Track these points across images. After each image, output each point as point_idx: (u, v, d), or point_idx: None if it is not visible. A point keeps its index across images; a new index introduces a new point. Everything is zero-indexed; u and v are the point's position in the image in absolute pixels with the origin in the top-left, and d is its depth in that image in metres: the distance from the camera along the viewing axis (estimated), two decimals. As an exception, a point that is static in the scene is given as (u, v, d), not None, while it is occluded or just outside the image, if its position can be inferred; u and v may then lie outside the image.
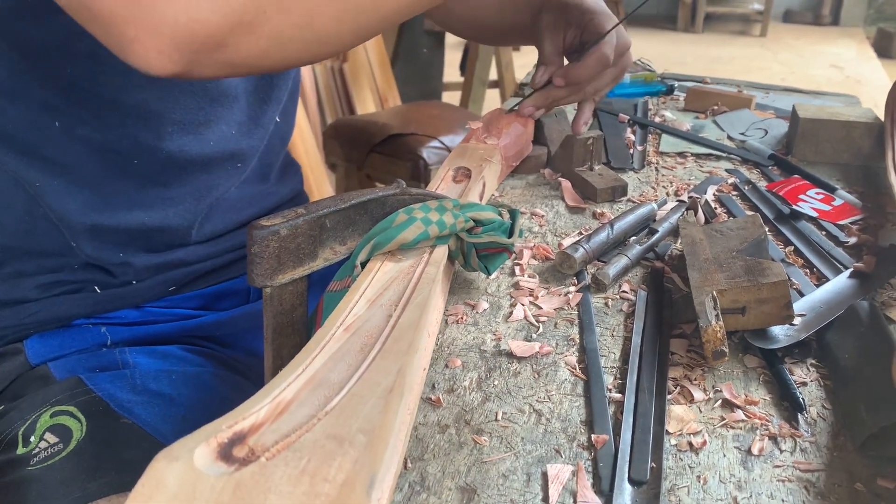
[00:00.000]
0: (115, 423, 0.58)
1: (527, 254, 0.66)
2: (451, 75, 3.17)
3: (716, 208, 0.77)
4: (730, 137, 1.00)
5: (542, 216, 0.75)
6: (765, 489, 0.41)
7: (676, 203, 0.77)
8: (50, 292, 0.63)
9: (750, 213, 0.76)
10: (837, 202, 0.78)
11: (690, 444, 0.44)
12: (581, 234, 0.71)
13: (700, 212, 0.74)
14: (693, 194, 0.80)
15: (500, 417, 0.46)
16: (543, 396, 0.49)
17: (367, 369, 0.38)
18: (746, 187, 0.83)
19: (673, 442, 0.45)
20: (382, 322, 0.43)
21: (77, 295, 0.63)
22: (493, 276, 0.63)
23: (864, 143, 0.90)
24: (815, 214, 0.75)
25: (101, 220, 0.61)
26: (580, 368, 0.52)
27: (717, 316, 0.50)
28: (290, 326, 0.50)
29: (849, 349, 0.51)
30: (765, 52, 5.97)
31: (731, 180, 0.85)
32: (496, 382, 0.50)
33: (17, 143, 0.57)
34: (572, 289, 0.61)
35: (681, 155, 0.94)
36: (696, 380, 0.50)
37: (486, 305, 0.59)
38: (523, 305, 0.59)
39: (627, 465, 0.42)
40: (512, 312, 0.58)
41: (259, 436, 0.32)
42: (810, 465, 0.43)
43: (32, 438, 0.56)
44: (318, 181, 1.90)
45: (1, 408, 0.59)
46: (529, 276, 0.63)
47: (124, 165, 0.60)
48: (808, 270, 0.65)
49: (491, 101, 2.96)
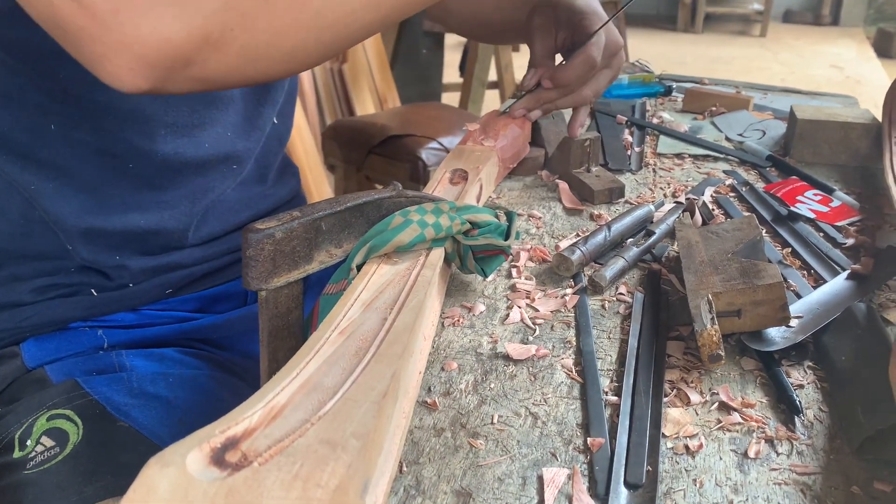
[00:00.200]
0: (112, 427, 0.58)
1: (524, 256, 0.66)
2: (451, 76, 3.17)
3: (713, 210, 0.77)
4: (728, 139, 1.00)
5: (539, 218, 0.75)
6: (761, 492, 0.41)
7: (674, 205, 0.77)
8: (46, 295, 0.62)
9: (747, 214, 0.76)
10: (835, 203, 0.78)
11: (687, 447, 0.44)
12: (578, 235, 0.71)
13: (697, 213, 0.74)
14: (690, 196, 0.80)
15: (496, 420, 0.46)
16: (539, 399, 0.49)
17: (362, 373, 0.38)
18: (744, 189, 0.83)
19: (669, 445, 0.45)
20: (377, 325, 0.43)
21: (73, 298, 0.63)
22: (489, 278, 0.63)
23: (862, 144, 0.90)
24: (812, 216, 0.75)
25: (96, 223, 0.61)
26: (576, 371, 0.51)
27: (712, 319, 0.50)
28: (286, 329, 0.50)
29: (846, 351, 0.51)
30: (765, 52, 5.97)
31: (729, 182, 0.85)
32: (492, 385, 0.50)
33: (13, 145, 0.57)
34: (569, 291, 0.61)
35: (678, 156, 0.94)
36: (692, 382, 0.50)
37: (482, 308, 0.59)
38: (520, 308, 0.58)
39: (623, 469, 0.42)
40: (508, 315, 0.58)
41: (252, 441, 0.32)
42: (807, 468, 0.43)
43: (29, 442, 0.56)
44: (317, 182, 1.90)
45: (-3, 411, 0.60)
46: (526, 279, 0.63)
47: (119, 168, 0.60)
48: (805, 272, 0.65)
49: (490, 102, 2.96)
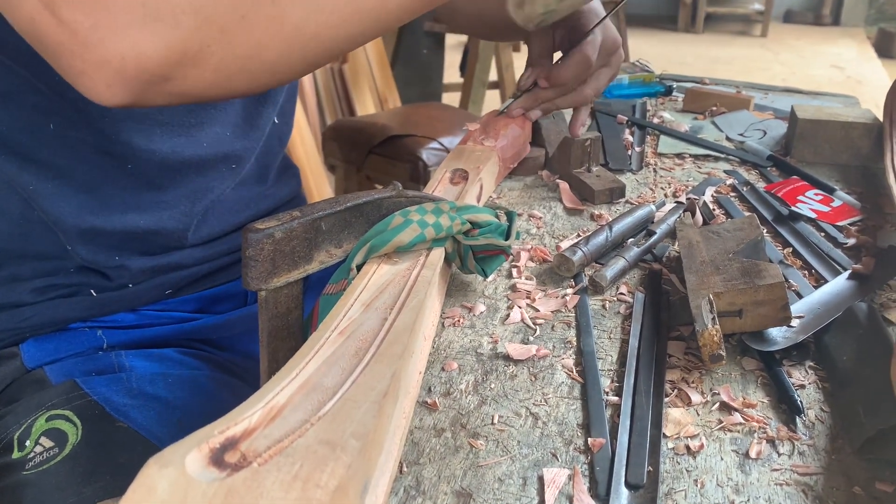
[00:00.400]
0: (111, 427, 0.58)
1: (524, 256, 0.66)
2: (451, 76, 3.17)
3: (714, 210, 0.77)
4: (728, 138, 1.00)
5: (540, 218, 0.75)
6: (762, 493, 0.41)
7: (675, 204, 0.76)
8: (45, 296, 0.62)
9: (748, 214, 0.76)
10: (836, 203, 0.78)
11: (688, 448, 0.44)
12: (579, 235, 0.71)
13: (698, 213, 0.74)
14: (691, 196, 0.80)
15: (496, 421, 0.46)
16: (540, 399, 0.48)
17: (362, 373, 0.38)
18: (745, 188, 0.83)
19: (670, 445, 0.44)
20: (378, 325, 0.43)
21: (73, 298, 0.63)
22: (489, 278, 0.62)
23: (863, 143, 0.90)
24: (813, 215, 0.75)
25: (96, 223, 0.61)
26: (577, 371, 0.51)
27: (713, 319, 0.50)
28: (286, 330, 0.50)
29: (847, 351, 0.51)
30: (765, 52, 5.97)
31: (730, 181, 0.85)
32: (493, 385, 0.50)
33: (11, 145, 0.57)
34: (570, 291, 0.61)
35: (679, 156, 0.94)
36: (693, 382, 0.50)
37: (482, 308, 0.59)
38: (520, 308, 0.58)
39: (624, 469, 0.42)
40: (509, 315, 0.58)
41: (251, 441, 0.32)
42: (808, 469, 0.43)
43: (28, 443, 0.56)
44: (317, 182, 1.90)
45: (-4, 412, 0.59)
46: (527, 279, 0.63)
47: (118, 168, 0.60)
48: (806, 272, 0.65)
49: (491, 102, 2.95)
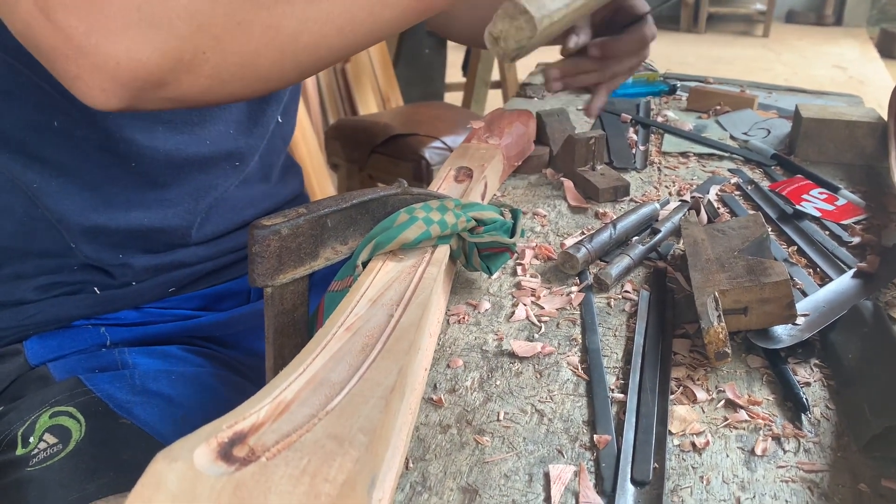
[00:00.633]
0: (115, 424, 0.58)
1: (529, 254, 0.66)
2: (454, 76, 3.16)
3: (718, 208, 0.77)
4: (732, 137, 1.00)
5: (545, 216, 0.75)
6: (768, 490, 0.41)
7: (679, 203, 0.76)
8: (49, 293, 0.62)
9: (752, 212, 0.76)
10: (841, 202, 0.78)
11: (693, 445, 0.44)
12: (583, 233, 0.71)
13: (703, 212, 0.74)
14: (696, 194, 0.80)
15: (501, 417, 0.46)
16: (545, 396, 0.48)
17: (368, 369, 0.38)
18: (749, 187, 0.83)
19: (676, 442, 0.44)
20: (384, 322, 0.43)
21: (76, 296, 0.63)
22: (494, 275, 0.62)
23: (868, 142, 0.90)
24: (818, 214, 0.75)
25: (99, 220, 0.61)
26: (582, 368, 0.51)
27: (719, 317, 0.50)
28: (292, 326, 0.50)
29: (852, 349, 0.51)
30: (768, 52, 5.96)
31: (734, 180, 0.85)
32: (498, 382, 0.50)
33: (15, 143, 0.57)
34: (574, 289, 0.61)
35: (683, 155, 0.94)
36: (698, 380, 0.50)
37: (487, 305, 0.59)
38: (525, 305, 0.58)
39: (630, 466, 0.42)
40: (514, 312, 0.58)
41: (259, 436, 0.32)
42: (814, 466, 0.43)
43: (32, 439, 0.56)
44: (320, 181, 1.90)
45: (0, 408, 0.59)
46: (531, 276, 0.63)
47: (122, 166, 0.60)
48: (811, 270, 0.65)
49: (493, 102, 2.95)
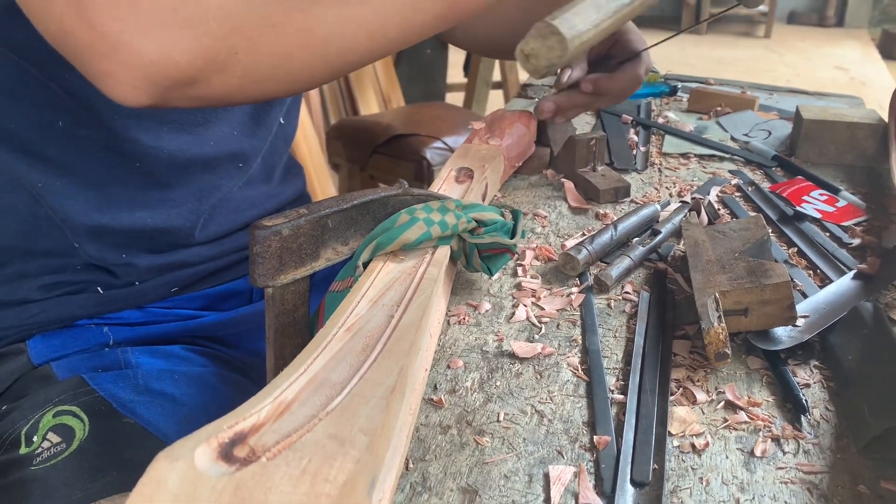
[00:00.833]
0: (118, 423, 0.58)
1: (529, 254, 0.66)
2: (455, 76, 3.17)
3: (719, 209, 0.77)
4: (733, 138, 1.00)
5: (545, 217, 0.75)
6: (767, 491, 0.41)
7: (679, 204, 0.77)
8: (52, 293, 0.63)
9: (753, 213, 0.76)
10: (841, 203, 0.78)
11: (693, 446, 0.44)
12: (584, 235, 0.71)
13: (703, 213, 0.74)
14: (696, 195, 0.80)
15: (501, 418, 0.46)
16: (545, 397, 0.49)
17: (369, 369, 0.38)
18: (750, 188, 0.83)
19: (675, 443, 0.45)
20: (384, 322, 0.43)
21: (79, 296, 0.63)
22: (495, 276, 0.63)
23: (868, 144, 0.90)
24: (818, 216, 0.75)
25: (103, 220, 0.61)
26: (582, 369, 0.51)
27: (719, 318, 0.50)
28: (292, 327, 0.50)
29: (852, 351, 0.51)
30: (769, 53, 5.96)
31: (735, 181, 0.85)
32: (498, 383, 0.50)
33: (20, 142, 0.57)
34: (575, 290, 0.61)
35: (684, 156, 0.94)
36: (698, 381, 0.50)
37: (488, 306, 0.59)
38: (525, 306, 0.58)
39: (629, 467, 0.42)
40: (514, 313, 0.58)
41: (260, 436, 0.32)
42: (813, 467, 0.43)
43: (35, 438, 0.56)
44: (321, 182, 1.90)
45: (3, 408, 0.60)
46: (532, 277, 0.63)
47: (126, 166, 0.60)
48: (811, 272, 0.65)
49: (494, 103, 2.95)
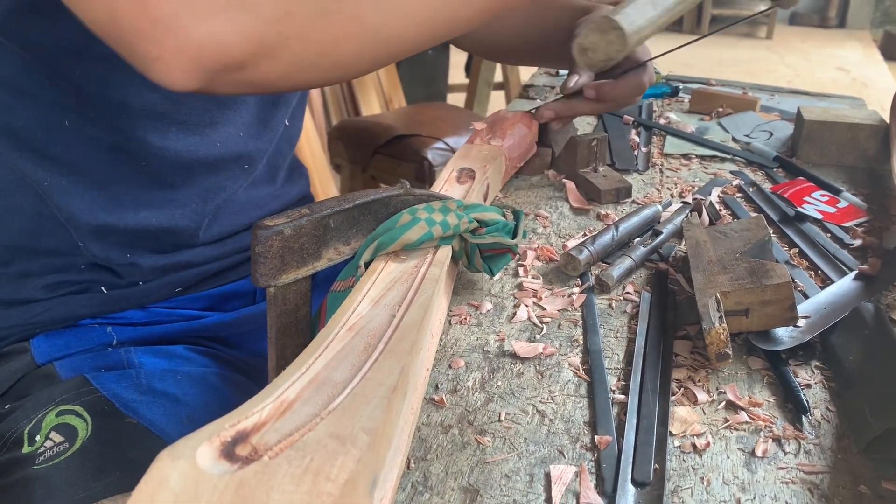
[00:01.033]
0: (121, 423, 0.58)
1: (531, 255, 0.67)
2: (456, 77, 3.17)
3: (720, 210, 0.77)
4: (734, 139, 1.00)
5: (547, 217, 0.75)
6: (768, 491, 0.41)
7: (681, 205, 0.77)
8: (56, 292, 0.63)
9: (754, 214, 0.76)
10: (842, 204, 0.78)
11: (694, 446, 0.44)
12: (585, 235, 0.71)
13: (704, 213, 0.74)
14: (697, 196, 0.80)
15: (503, 418, 0.47)
16: (547, 397, 0.49)
17: (370, 369, 0.38)
18: (751, 189, 0.83)
19: (676, 443, 0.45)
20: (386, 322, 0.43)
21: (83, 295, 0.63)
22: (496, 276, 0.63)
23: (870, 145, 0.90)
24: (819, 216, 0.75)
25: (108, 220, 0.61)
26: (584, 369, 0.52)
27: (720, 318, 0.50)
28: (294, 326, 0.50)
29: (853, 351, 0.51)
30: (771, 54, 5.96)
31: (736, 182, 0.85)
32: (499, 383, 0.50)
33: (26, 141, 0.57)
34: (576, 290, 0.61)
35: (685, 157, 0.94)
36: (699, 381, 0.50)
37: (489, 306, 0.59)
38: (527, 306, 0.59)
39: (631, 467, 0.42)
40: (515, 313, 0.58)
41: (262, 435, 0.32)
42: (814, 468, 0.43)
43: (38, 437, 0.56)
44: (323, 182, 1.90)
45: (6, 406, 0.60)
46: (533, 277, 0.63)
47: (132, 165, 0.61)
48: (812, 272, 0.65)
49: (496, 103, 2.95)
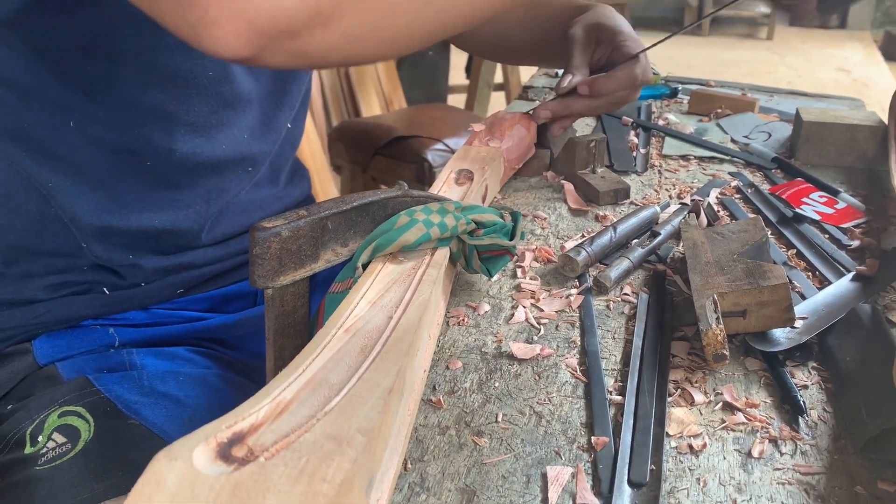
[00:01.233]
0: (123, 424, 0.58)
1: (529, 256, 0.67)
2: (457, 78, 3.17)
3: (718, 211, 0.77)
4: (733, 140, 1.00)
5: (545, 219, 0.75)
6: (765, 492, 0.41)
7: (679, 206, 0.77)
8: (58, 293, 0.63)
9: (752, 215, 0.76)
10: (840, 205, 0.78)
11: (690, 447, 0.45)
12: (583, 236, 0.72)
13: (702, 215, 0.74)
14: (696, 197, 0.80)
15: (500, 419, 0.47)
16: (544, 398, 0.49)
17: (367, 370, 0.38)
18: (749, 190, 0.83)
19: (673, 444, 0.45)
20: (383, 323, 0.44)
21: (85, 296, 0.64)
22: (494, 278, 0.63)
23: (868, 146, 0.90)
24: (817, 217, 0.75)
25: (112, 221, 0.61)
26: (581, 371, 0.52)
27: (717, 319, 0.50)
28: (292, 328, 0.51)
29: (850, 352, 0.51)
30: (771, 55, 5.95)
31: (734, 183, 0.85)
32: (497, 384, 0.50)
33: (31, 141, 0.58)
34: (574, 291, 0.62)
35: (684, 158, 0.94)
36: (696, 382, 0.50)
37: (487, 307, 0.59)
38: (525, 307, 0.59)
39: (627, 468, 0.42)
40: (513, 314, 0.58)
41: (258, 436, 0.32)
42: (811, 468, 0.43)
43: (40, 438, 0.56)
44: (323, 183, 1.90)
45: (9, 407, 0.60)
46: (531, 279, 0.63)
47: (136, 166, 0.61)
48: (810, 273, 0.65)
49: (496, 105, 2.95)
